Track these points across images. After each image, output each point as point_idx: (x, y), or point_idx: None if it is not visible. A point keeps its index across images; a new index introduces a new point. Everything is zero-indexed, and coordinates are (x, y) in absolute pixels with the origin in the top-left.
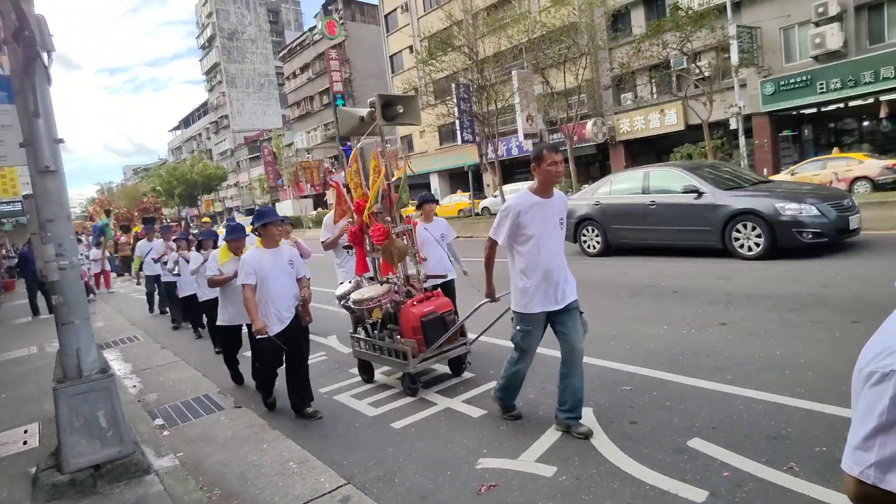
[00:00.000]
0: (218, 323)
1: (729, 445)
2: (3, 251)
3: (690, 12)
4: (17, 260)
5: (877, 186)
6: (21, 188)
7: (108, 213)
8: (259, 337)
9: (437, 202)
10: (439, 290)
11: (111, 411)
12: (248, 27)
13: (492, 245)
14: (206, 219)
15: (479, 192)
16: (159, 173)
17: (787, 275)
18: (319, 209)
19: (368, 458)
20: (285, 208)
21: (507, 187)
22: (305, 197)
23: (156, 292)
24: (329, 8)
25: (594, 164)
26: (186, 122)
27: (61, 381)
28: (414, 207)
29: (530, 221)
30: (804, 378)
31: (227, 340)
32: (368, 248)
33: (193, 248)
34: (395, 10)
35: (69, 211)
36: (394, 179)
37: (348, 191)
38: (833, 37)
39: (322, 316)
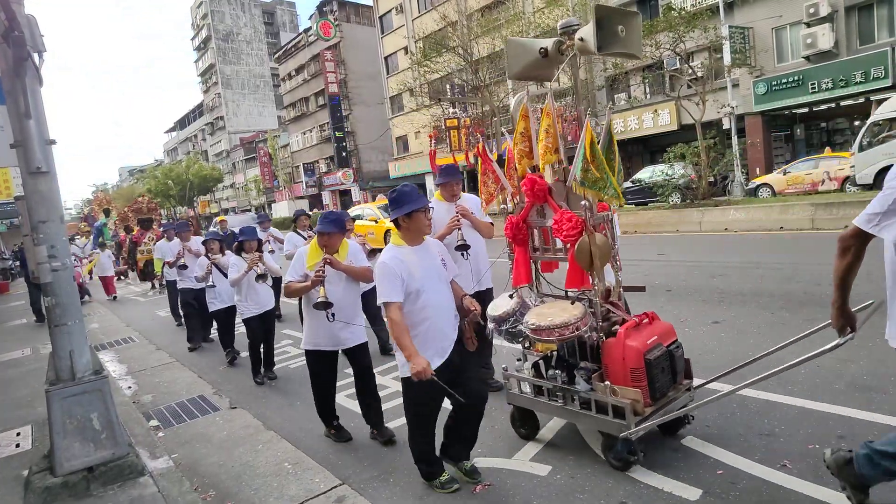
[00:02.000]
0: (245, 316)
1: (723, 444)
2: None
3: (683, 13)
4: (11, 262)
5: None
6: (15, 189)
7: (107, 212)
8: (416, 381)
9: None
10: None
11: (105, 413)
12: (244, 28)
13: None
14: (222, 217)
15: (474, 192)
16: (154, 174)
17: (779, 273)
18: (316, 210)
19: (363, 458)
20: (280, 209)
21: None
22: (301, 198)
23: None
24: (324, 9)
25: None
26: (182, 124)
27: (54, 383)
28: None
29: None
30: (797, 376)
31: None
32: (540, 247)
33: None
34: (390, 11)
35: (62, 212)
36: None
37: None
38: (824, 37)
39: None
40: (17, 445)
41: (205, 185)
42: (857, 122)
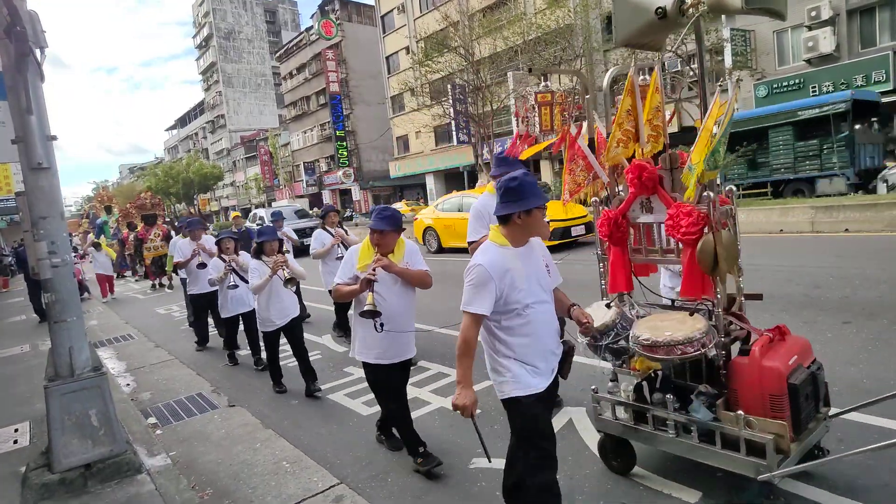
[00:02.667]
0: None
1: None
2: None
3: None
4: (11, 258)
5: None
6: (15, 185)
7: (108, 209)
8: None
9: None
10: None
11: (103, 410)
12: (245, 27)
13: None
14: (236, 213)
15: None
16: (155, 172)
17: (779, 275)
18: (316, 209)
19: (362, 457)
20: (280, 208)
21: None
22: (301, 197)
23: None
24: (326, 8)
25: None
26: (183, 122)
27: (53, 379)
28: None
29: None
30: None
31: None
32: (642, 248)
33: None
34: (392, 11)
35: (62, 208)
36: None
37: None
38: (825, 40)
39: (316, 314)
40: (15, 442)
41: (205, 183)
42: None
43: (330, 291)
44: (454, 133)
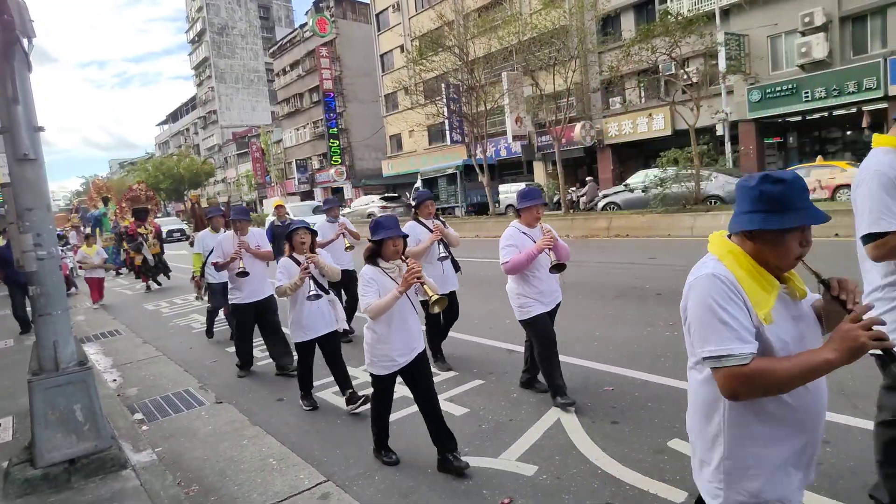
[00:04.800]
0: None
1: None
2: None
3: (680, 18)
4: None
5: None
6: (1, 177)
7: (105, 200)
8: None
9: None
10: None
11: (88, 405)
12: (239, 22)
13: None
14: (279, 201)
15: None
16: (145, 167)
17: None
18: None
19: (349, 455)
20: (272, 205)
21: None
22: (293, 194)
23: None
24: (320, 5)
25: (582, 167)
26: (174, 117)
27: (37, 373)
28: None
29: None
30: None
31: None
32: None
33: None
34: (387, 9)
35: (49, 200)
36: None
37: None
38: (818, 46)
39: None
40: None
41: (196, 179)
42: (849, 132)
43: (425, 303)
44: (448, 133)
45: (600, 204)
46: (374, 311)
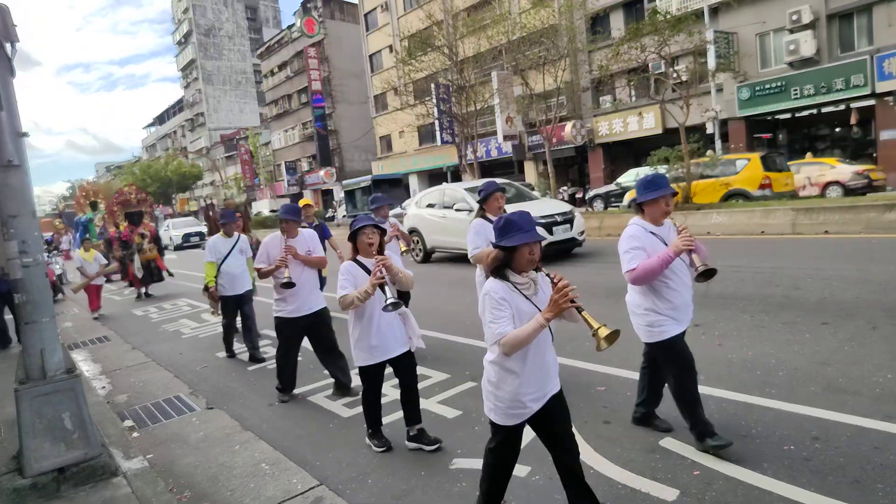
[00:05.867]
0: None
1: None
2: None
3: (668, 17)
4: None
5: (847, 191)
6: None
7: (94, 205)
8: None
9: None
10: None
11: (77, 413)
12: (226, 24)
13: None
14: (306, 200)
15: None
16: (133, 171)
17: (759, 277)
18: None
19: (342, 458)
20: (261, 207)
21: None
22: (282, 196)
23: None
24: (308, 6)
25: (573, 167)
26: (161, 119)
27: (24, 381)
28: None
29: None
30: (775, 378)
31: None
32: None
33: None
34: (375, 9)
35: (34, 207)
36: None
37: None
38: (806, 44)
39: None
40: None
41: (184, 182)
42: (837, 129)
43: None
44: (438, 133)
45: (600, 204)
46: (510, 346)
